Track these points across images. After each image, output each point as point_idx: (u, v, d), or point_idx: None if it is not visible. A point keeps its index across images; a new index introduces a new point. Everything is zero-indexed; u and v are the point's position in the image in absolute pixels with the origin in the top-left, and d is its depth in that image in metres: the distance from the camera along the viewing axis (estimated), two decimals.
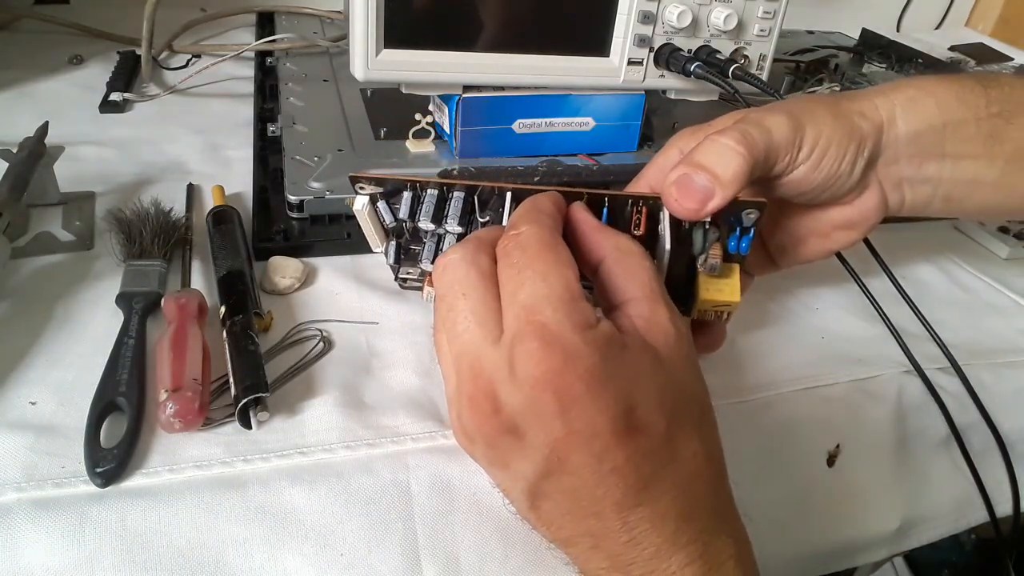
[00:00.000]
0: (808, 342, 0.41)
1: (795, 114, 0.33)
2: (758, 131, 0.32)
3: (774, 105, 0.34)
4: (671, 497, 0.25)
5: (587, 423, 0.24)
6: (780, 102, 0.35)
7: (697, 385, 0.28)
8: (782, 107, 0.34)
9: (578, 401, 0.24)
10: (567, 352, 0.24)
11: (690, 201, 0.30)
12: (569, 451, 0.24)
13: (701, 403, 0.28)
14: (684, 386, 0.27)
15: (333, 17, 0.73)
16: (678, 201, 0.30)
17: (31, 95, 0.60)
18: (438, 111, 0.49)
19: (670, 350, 0.27)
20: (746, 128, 0.32)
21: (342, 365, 0.36)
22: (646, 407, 0.25)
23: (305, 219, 0.44)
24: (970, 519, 0.40)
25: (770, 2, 0.48)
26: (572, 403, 0.24)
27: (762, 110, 0.34)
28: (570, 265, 0.27)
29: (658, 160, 0.37)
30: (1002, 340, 0.43)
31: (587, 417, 0.24)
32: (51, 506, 0.28)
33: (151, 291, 0.37)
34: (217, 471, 0.30)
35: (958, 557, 0.86)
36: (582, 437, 0.24)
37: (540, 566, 0.29)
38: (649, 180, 0.37)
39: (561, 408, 0.24)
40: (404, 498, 0.31)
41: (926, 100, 0.35)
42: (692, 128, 0.36)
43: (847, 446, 0.37)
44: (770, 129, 0.32)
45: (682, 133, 0.37)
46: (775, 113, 0.33)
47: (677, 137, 0.37)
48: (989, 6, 1.06)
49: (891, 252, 0.39)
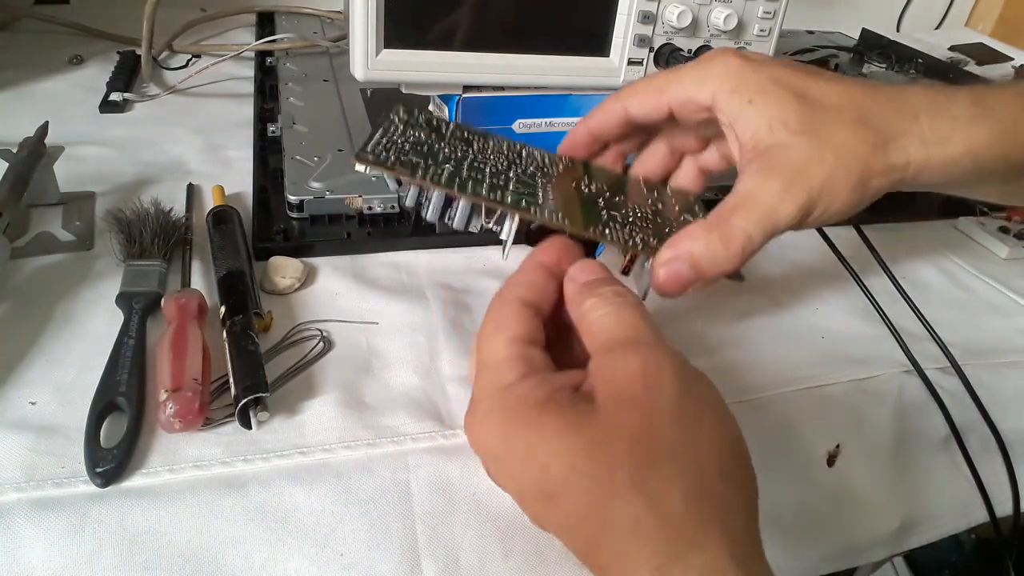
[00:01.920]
0: (808, 342, 0.41)
1: (814, 188, 0.30)
2: (762, 228, 0.30)
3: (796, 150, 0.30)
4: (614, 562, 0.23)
5: (510, 482, 0.27)
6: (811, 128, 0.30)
7: (680, 436, 0.24)
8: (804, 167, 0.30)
9: (497, 460, 0.27)
10: (479, 413, 0.27)
11: (676, 289, 0.30)
12: (521, 504, 0.27)
13: (684, 455, 0.24)
14: (637, 439, 0.24)
15: (333, 17, 0.73)
16: (663, 287, 0.31)
17: (31, 95, 0.60)
18: (438, 111, 0.49)
19: (618, 404, 0.24)
20: (750, 229, 0.30)
21: (342, 365, 0.36)
22: (558, 469, 0.24)
23: (305, 219, 0.44)
24: (970, 519, 0.40)
25: (770, 2, 0.48)
26: (492, 461, 0.27)
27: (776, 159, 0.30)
28: (504, 329, 0.27)
29: (602, 112, 0.36)
30: (1002, 340, 0.43)
31: (508, 476, 0.27)
32: (51, 506, 0.28)
33: (151, 291, 0.37)
34: (217, 471, 0.30)
35: (958, 557, 0.86)
36: (515, 494, 0.27)
37: (540, 566, 0.29)
38: (591, 128, 0.36)
39: (489, 467, 0.27)
40: (404, 498, 0.31)
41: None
42: (644, 81, 0.34)
43: (847, 446, 0.37)
44: (776, 223, 0.30)
45: (633, 88, 0.34)
46: (791, 191, 0.30)
47: (627, 92, 0.35)
48: (989, 6, 1.06)
49: (891, 252, 0.39)
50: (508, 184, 0.32)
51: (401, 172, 0.30)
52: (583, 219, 0.32)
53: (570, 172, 0.36)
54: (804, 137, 0.30)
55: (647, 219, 0.34)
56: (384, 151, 0.31)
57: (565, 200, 0.33)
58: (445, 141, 0.34)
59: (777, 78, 0.31)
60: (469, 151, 0.34)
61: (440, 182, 0.31)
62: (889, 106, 0.31)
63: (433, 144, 0.33)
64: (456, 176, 0.31)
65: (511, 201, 0.31)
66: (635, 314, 0.27)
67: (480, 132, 0.36)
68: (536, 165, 0.35)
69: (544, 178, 0.34)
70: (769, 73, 0.31)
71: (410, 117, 0.35)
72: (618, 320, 0.27)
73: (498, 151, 0.35)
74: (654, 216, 0.34)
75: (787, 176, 0.30)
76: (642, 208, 0.35)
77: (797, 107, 0.30)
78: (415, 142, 0.33)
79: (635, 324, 0.27)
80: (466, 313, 0.40)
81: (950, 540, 0.71)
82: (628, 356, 0.25)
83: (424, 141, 0.33)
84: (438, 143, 0.34)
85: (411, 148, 0.32)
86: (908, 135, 0.30)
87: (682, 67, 0.34)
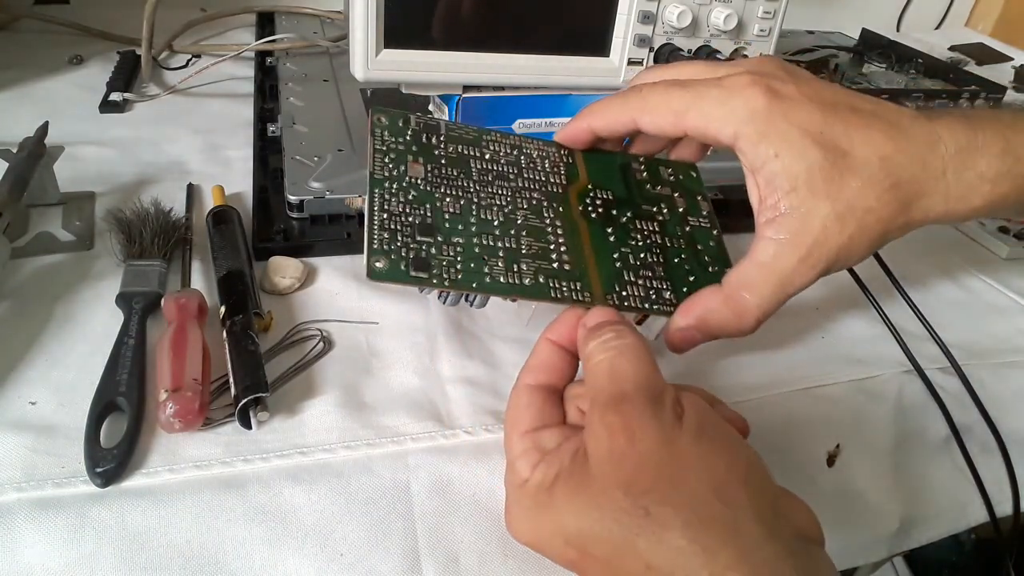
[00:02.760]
0: (808, 342, 0.41)
1: (831, 255, 0.30)
2: (776, 298, 0.31)
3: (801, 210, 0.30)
4: None
5: (559, 561, 0.27)
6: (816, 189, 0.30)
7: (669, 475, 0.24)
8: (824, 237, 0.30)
9: (540, 550, 0.27)
10: (511, 515, 0.28)
11: (687, 348, 0.33)
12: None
13: (676, 493, 0.24)
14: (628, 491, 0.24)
15: (333, 17, 0.73)
16: (675, 348, 0.33)
17: (31, 95, 0.60)
18: (438, 111, 0.49)
19: (607, 461, 0.25)
20: (765, 302, 0.31)
21: (342, 365, 0.36)
22: (576, 534, 0.25)
23: (305, 219, 0.44)
24: (970, 519, 0.40)
25: (770, 2, 0.48)
26: (538, 551, 0.27)
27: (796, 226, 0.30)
28: (516, 425, 0.28)
29: (610, 115, 0.34)
30: (1002, 340, 0.43)
31: (553, 557, 0.27)
32: (51, 506, 0.28)
33: (151, 291, 0.37)
34: (217, 471, 0.30)
35: (958, 557, 0.86)
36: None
37: (540, 566, 0.29)
38: (595, 128, 0.35)
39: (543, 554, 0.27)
40: (404, 498, 0.31)
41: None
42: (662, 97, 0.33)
43: (847, 446, 0.37)
44: (792, 290, 0.31)
45: (646, 101, 0.33)
46: (808, 261, 0.30)
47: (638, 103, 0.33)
48: (989, 6, 1.06)
49: (891, 252, 0.39)
50: (521, 248, 0.31)
51: (418, 284, 0.29)
52: (601, 283, 0.32)
53: (572, 178, 0.35)
54: (827, 202, 0.30)
55: (655, 244, 0.34)
56: (392, 243, 0.29)
57: (577, 251, 0.32)
58: (442, 177, 0.33)
59: (807, 127, 0.30)
60: (472, 185, 0.33)
61: (458, 280, 0.29)
62: (918, 160, 0.30)
63: (433, 192, 0.32)
64: (470, 261, 0.30)
65: (530, 286, 0.30)
66: (628, 365, 0.27)
67: (473, 137, 0.35)
68: (537, 179, 0.35)
69: (550, 208, 0.33)
70: (799, 119, 0.30)
71: (396, 138, 0.33)
72: (610, 373, 0.27)
73: (497, 175, 0.34)
74: (662, 234, 0.35)
75: (806, 246, 0.30)
76: (649, 224, 0.35)
77: (823, 165, 0.30)
78: (416, 198, 0.31)
79: (625, 377, 0.26)
80: (466, 313, 0.40)
81: (950, 540, 0.71)
82: (610, 415, 0.26)
83: (422, 190, 0.32)
84: (438, 187, 0.32)
85: (417, 223, 0.30)
86: (933, 194, 0.30)
87: (704, 90, 0.32)
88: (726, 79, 0.32)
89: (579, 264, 0.32)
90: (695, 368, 0.38)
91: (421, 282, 0.29)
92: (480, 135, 0.36)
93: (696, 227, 0.36)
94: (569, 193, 0.35)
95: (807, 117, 0.30)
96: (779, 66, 0.33)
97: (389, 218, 0.30)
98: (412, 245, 0.29)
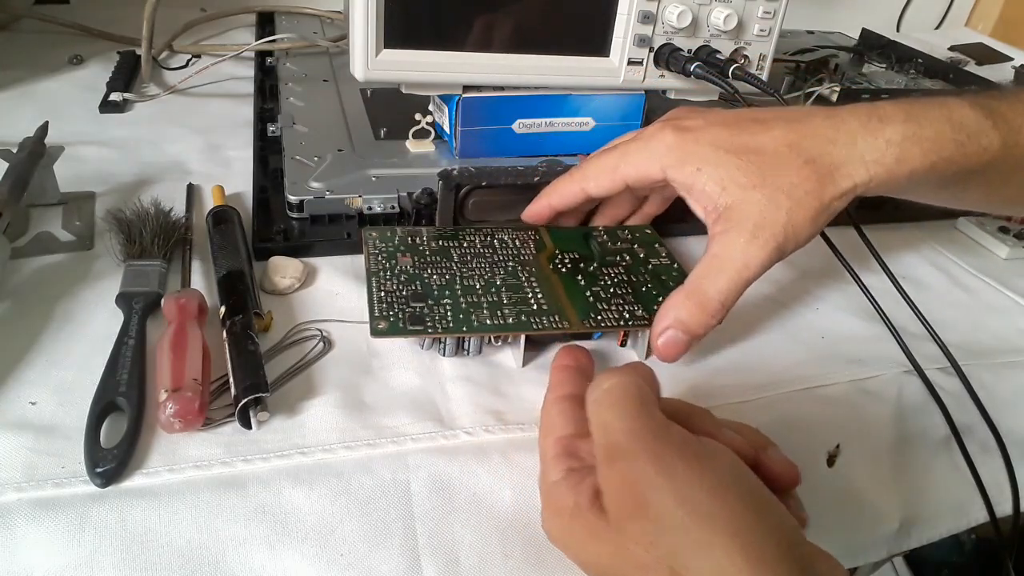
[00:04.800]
0: (808, 342, 0.41)
1: (778, 233, 0.33)
2: (734, 285, 0.33)
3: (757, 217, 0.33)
4: None
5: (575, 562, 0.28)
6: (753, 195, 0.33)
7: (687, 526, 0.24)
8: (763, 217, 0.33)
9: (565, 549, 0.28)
10: (544, 508, 0.29)
11: (675, 353, 0.34)
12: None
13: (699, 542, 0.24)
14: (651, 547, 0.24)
15: (333, 17, 0.73)
16: (663, 355, 0.34)
17: (31, 95, 0.60)
18: (438, 111, 0.49)
19: (622, 515, 0.25)
20: (723, 290, 0.33)
21: (342, 365, 0.36)
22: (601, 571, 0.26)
23: (305, 219, 0.44)
24: (970, 519, 0.40)
25: (770, 2, 0.48)
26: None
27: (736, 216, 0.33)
28: (550, 431, 0.29)
29: (562, 192, 0.40)
30: (1002, 340, 0.43)
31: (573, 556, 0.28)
32: (51, 506, 0.28)
33: (151, 291, 0.37)
34: (217, 471, 0.30)
35: (958, 557, 0.86)
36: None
37: (540, 566, 0.29)
38: (553, 205, 0.40)
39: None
40: (404, 498, 0.31)
41: (912, 149, 0.33)
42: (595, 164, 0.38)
43: (847, 446, 0.37)
44: (749, 275, 0.33)
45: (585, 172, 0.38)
46: (756, 242, 0.33)
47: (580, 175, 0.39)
48: (989, 6, 1.06)
49: (891, 252, 0.39)
50: (503, 300, 0.36)
51: (416, 335, 0.34)
52: (577, 313, 0.36)
53: (540, 248, 0.40)
54: (756, 190, 0.33)
55: (623, 282, 0.39)
56: (390, 311, 0.35)
57: (552, 295, 0.37)
58: (428, 263, 0.38)
59: (716, 143, 0.34)
60: (454, 266, 0.38)
61: (450, 327, 0.34)
62: (825, 139, 0.34)
63: (421, 273, 0.37)
64: (459, 313, 0.35)
65: (513, 324, 0.35)
66: (609, 415, 0.27)
67: (451, 233, 0.40)
68: (510, 253, 0.40)
69: (524, 270, 0.38)
70: (708, 139, 0.34)
71: (386, 244, 0.39)
72: (601, 429, 0.27)
73: (474, 255, 0.39)
74: (627, 273, 0.39)
75: (749, 229, 0.33)
76: (614, 269, 0.39)
77: (741, 164, 0.33)
78: (407, 279, 0.37)
79: (613, 430, 0.26)
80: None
81: (950, 540, 0.71)
82: (611, 472, 0.26)
83: (412, 273, 0.37)
84: (425, 270, 0.37)
85: (409, 294, 0.36)
86: (849, 161, 0.33)
87: (626, 146, 0.37)
88: (642, 132, 0.37)
89: (555, 303, 0.36)
90: (696, 370, 0.38)
91: (418, 333, 0.34)
92: (456, 232, 0.41)
93: (658, 265, 0.40)
94: (540, 258, 0.40)
95: (715, 136, 0.34)
96: (689, 110, 0.38)
97: (386, 295, 0.36)
98: (407, 309, 0.35)
